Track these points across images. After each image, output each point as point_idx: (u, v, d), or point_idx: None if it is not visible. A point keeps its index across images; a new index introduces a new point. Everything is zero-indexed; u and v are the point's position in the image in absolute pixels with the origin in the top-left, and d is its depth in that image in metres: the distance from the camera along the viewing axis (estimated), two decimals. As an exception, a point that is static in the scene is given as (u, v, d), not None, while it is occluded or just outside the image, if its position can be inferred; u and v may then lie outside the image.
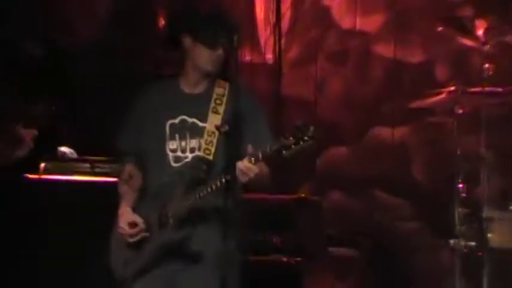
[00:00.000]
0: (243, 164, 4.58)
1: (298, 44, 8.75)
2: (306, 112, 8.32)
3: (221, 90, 4.82)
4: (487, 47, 6.79)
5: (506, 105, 6.98)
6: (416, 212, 7.94)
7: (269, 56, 8.71)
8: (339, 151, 8.05)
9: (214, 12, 4.97)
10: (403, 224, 7.87)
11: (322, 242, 7.24)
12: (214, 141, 4.79)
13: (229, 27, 4.74)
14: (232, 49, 4.77)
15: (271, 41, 8.67)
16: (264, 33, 8.81)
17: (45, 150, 6.77)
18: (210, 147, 4.83)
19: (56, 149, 6.80)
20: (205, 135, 4.82)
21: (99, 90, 7.95)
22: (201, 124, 4.82)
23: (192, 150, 4.85)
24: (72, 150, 6.82)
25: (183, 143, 4.84)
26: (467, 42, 7.19)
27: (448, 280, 6.82)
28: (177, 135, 4.83)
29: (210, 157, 4.79)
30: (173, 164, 4.81)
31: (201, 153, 4.81)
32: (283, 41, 8.61)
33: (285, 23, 8.63)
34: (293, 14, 8.77)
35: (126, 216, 4.76)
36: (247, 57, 8.78)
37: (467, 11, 8.00)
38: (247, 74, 8.46)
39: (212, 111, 4.78)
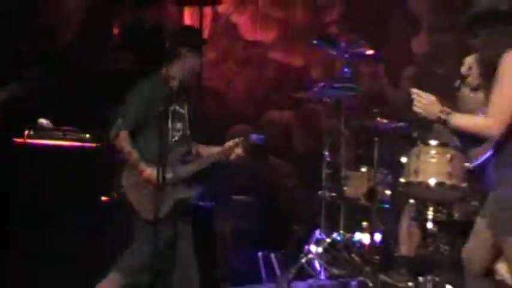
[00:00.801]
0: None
1: (215, 49, 8.87)
2: (220, 100, 8.45)
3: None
4: (347, 56, 7.17)
5: (358, 97, 7.26)
6: (296, 171, 8.13)
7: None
8: (243, 128, 8.07)
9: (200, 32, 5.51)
10: (287, 180, 8.05)
11: (229, 191, 7.36)
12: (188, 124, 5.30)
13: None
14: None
15: (195, 46, 8.96)
16: (191, 41, 9.15)
17: (28, 121, 6.79)
18: (188, 128, 5.31)
19: (36, 120, 6.82)
20: (185, 119, 5.28)
21: (71, 78, 7.80)
22: (181, 111, 5.24)
23: (178, 130, 5.27)
24: (48, 121, 6.85)
25: (172, 124, 5.19)
26: (334, 51, 7.32)
27: (316, 220, 7.10)
28: (169, 119, 5.18)
29: (189, 135, 5.29)
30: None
31: (184, 133, 5.22)
32: (204, 47, 8.26)
33: (206, 34, 8.63)
34: (211, 27, 8.87)
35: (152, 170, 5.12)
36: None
37: (334, 30, 8.38)
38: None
39: (185, 102, 5.28)
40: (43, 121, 6.82)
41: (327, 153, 7.08)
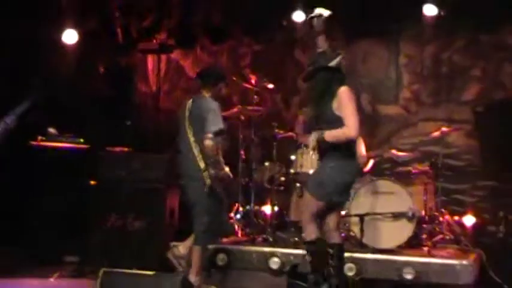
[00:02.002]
0: None
1: (168, 83, 8.98)
2: (172, 118, 7.53)
3: None
4: (256, 88, 7.55)
5: (262, 115, 7.50)
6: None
7: (154, 88, 8.85)
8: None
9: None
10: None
11: (175, 176, 6.63)
12: None
13: None
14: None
15: (155, 80, 8.76)
16: (152, 77, 8.94)
17: (41, 129, 7.19)
18: None
19: (46, 129, 7.24)
20: None
21: (72, 99, 7.88)
22: None
23: None
24: (55, 130, 7.25)
25: None
26: (247, 85, 7.69)
27: (235, 197, 7.24)
28: None
29: None
30: None
31: None
32: (160, 81, 8.63)
33: (162, 72, 8.74)
34: (166, 67, 8.95)
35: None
36: (143, 88, 9.07)
37: (247, 71, 8.51)
38: (143, 97, 9.00)
39: None
40: (51, 130, 7.25)
41: (242, 152, 7.33)
